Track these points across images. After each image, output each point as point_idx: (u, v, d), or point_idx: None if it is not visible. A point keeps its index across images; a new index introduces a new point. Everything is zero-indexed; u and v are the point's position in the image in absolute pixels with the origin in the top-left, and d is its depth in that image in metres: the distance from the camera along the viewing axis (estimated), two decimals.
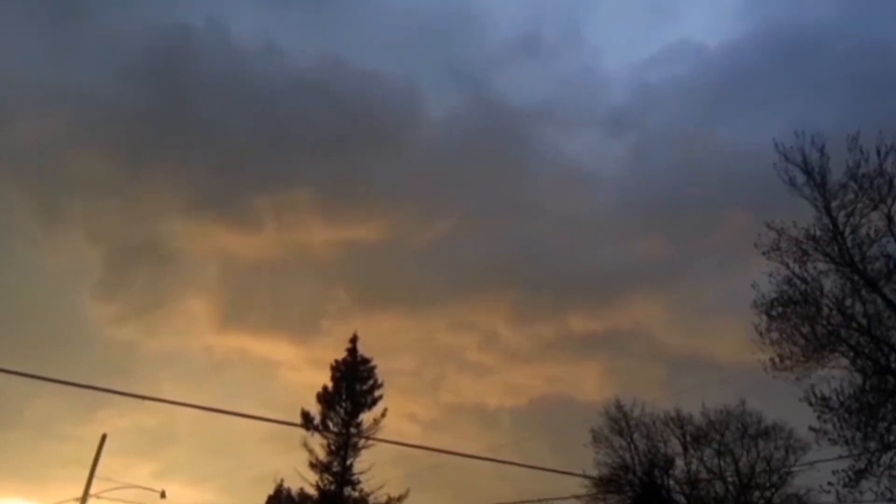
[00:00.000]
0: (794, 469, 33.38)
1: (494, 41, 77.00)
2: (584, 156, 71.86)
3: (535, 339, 61.76)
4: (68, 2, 64.11)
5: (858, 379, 20.76)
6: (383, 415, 34.50)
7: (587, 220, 67.11)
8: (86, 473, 28.06)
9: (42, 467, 44.19)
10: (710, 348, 51.27)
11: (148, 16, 69.18)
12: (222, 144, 64.29)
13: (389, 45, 73.08)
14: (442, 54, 76.62)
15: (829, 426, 20.60)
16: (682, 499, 36.36)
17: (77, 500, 27.58)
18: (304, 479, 33.43)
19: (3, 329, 49.23)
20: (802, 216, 21.39)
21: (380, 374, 35.94)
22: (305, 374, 53.32)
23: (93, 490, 28.01)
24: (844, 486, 20.37)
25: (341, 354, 36.09)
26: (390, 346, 59.62)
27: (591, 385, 58.47)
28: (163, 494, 30.22)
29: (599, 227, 66.24)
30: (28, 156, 57.14)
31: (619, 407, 37.51)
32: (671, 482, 36.46)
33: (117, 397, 13.43)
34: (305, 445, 33.73)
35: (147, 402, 15.37)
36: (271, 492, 35.31)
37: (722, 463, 35.80)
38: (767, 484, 34.90)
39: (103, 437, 28.89)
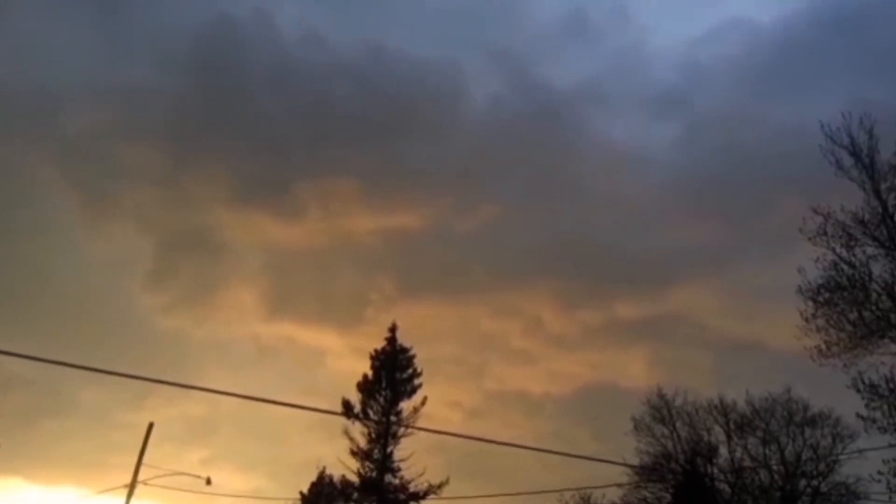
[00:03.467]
0: (841, 457, 32.72)
1: (538, 22, 76.09)
2: (632, 138, 70.70)
3: (580, 326, 61.38)
4: None
5: None
6: (423, 403, 34.57)
7: (634, 204, 66.14)
8: (136, 461, 28.65)
9: (96, 454, 45.45)
10: (760, 335, 50.26)
11: (194, 8, 70.05)
12: (267, 134, 65.17)
13: (431, 30, 72.98)
14: (484, 38, 75.93)
15: (878, 414, 20.21)
16: (725, 487, 35.95)
17: (126, 486, 28.18)
18: (345, 467, 33.75)
19: (58, 318, 50.57)
20: (853, 199, 20.87)
21: (419, 362, 35.97)
22: (349, 362, 53.73)
23: (141, 477, 28.61)
24: (895, 475, 19.94)
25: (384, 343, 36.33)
26: (434, 333, 59.83)
27: (636, 372, 57.92)
28: (208, 481, 30.68)
29: (647, 212, 65.26)
30: (79, 148, 58.64)
31: (661, 395, 37.23)
32: (714, 470, 36.05)
33: (166, 386, 13.64)
34: (346, 433, 33.99)
35: (195, 391, 15.63)
36: (314, 478, 35.81)
37: (767, 451, 35.28)
38: (814, 472, 34.28)
39: (150, 426, 29.40)
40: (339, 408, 33.47)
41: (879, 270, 20.71)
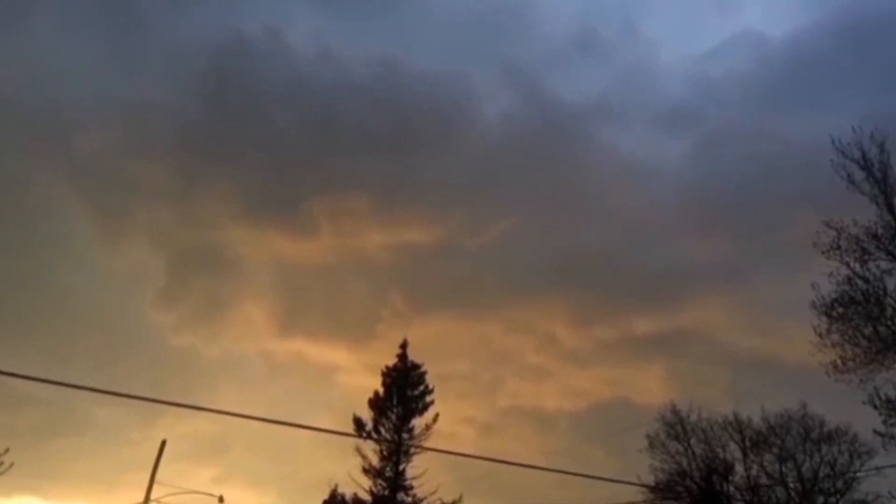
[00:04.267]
0: (859, 474, 32.31)
1: (548, 38, 76.39)
2: (644, 153, 70.53)
3: (595, 342, 60.96)
4: (127, 13, 66.12)
5: None
6: (435, 420, 34.55)
7: (647, 218, 65.88)
8: (148, 478, 28.73)
9: (109, 472, 45.42)
10: (776, 350, 49.73)
11: (207, 25, 70.78)
12: (279, 150, 65.56)
13: (442, 46, 73.32)
14: (495, 53, 76.29)
15: (895, 430, 19.94)
16: None
17: None
18: (357, 485, 33.69)
19: (70, 335, 50.84)
20: (867, 213, 20.75)
21: (431, 379, 36.03)
22: (362, 379, 53.55)
23: (153, 495, 28.67)
24: None
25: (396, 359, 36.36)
26: (446, 349, 59.64)
27: (652, 388, 57.35)
28: (221, 500, 30.74)
29: (660, 226, 64.93)
30: (91, 164, 59.04)
31: (676, 412, 36.91)
32: (730, 488, 35.63)
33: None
34: (358, 451, 33.99)
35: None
36: (326, 496, 35.72)
37: (783, 468, 34.87)
38: (832, 490, 33.83)
39: (163, 444, 29.51)
40: (350, 424, 33.62)
41: (894, 285, 20.56)
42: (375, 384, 35.64)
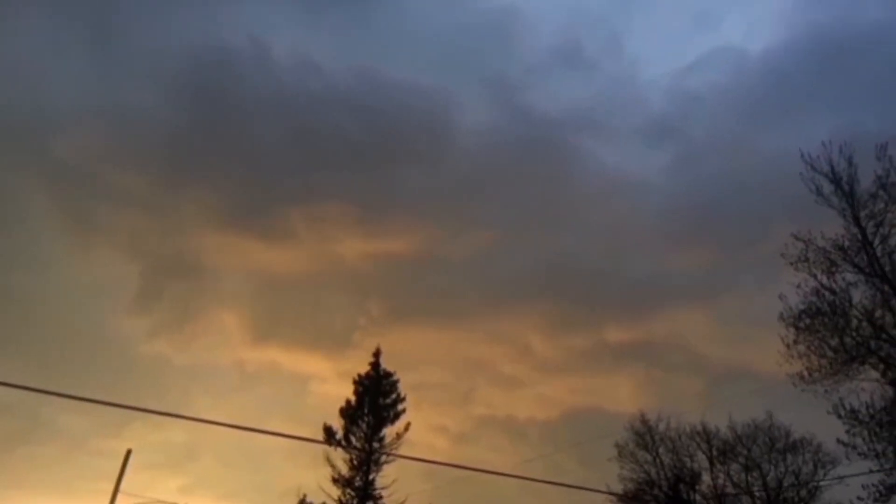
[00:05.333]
0: (823, 483, 32.82)
1: (532, 51, 77.27)
2: (625, 165, 71.51)
3: (570, 351, 61.45)
4: (108, 20, 65.34)
5: (889, 391, 20.49)
6: (406, 429, 34.37)
7: (627, 230, 66.70)
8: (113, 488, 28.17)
9: (74, 481, 44.45)
10: (749, 361, 50.51)
11: (188, 33, 70.23)
12: (258, 159, 65.20)
13: (425, 58, 73.51)
14: (478, 65, 77.11)
15: (858, 440, 20.36)
16: None
17: None
18: (326, 494, 33.35)
19: (40, 343, 49.82)
20: (835, 226, 21.18)
21: (405, 388, 35.86)
22: (337, 388, 53.28)
23: None
24: (875, 500, 20.06)
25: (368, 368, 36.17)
26: (423, 358, 59.53)
27: (625, 397, 57.95)
28: None
29: (639, 238, 65.79)
30: (66, 170, 58.16)
31: (645, 421, 37.24)
32: (697, 497, 35.98)
33: (146, 412, 13.50)
34: (328, 460, 33.65)
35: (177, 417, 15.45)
36: None
37: (749, 477, 35.29)
38: (796, 498, 34.31)
39: (128, 452, 28.95)
40: (322, 434, 33.20)
41: (859, 297, 21.01)
42: (351, 393, 35.43)
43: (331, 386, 53.60)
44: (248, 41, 68.16)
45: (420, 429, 34.97)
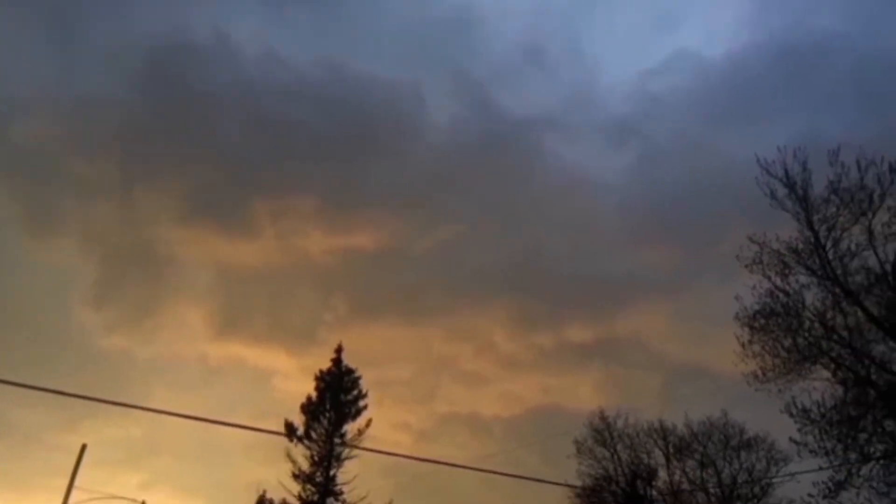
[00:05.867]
0: (775, 480, 33.53)
1: (498, 51, 77.85)
2: (588, 165, 72.38)
3: (533, 349, 61.92)
4: (69, 9, 64.02)
5: (839, 391, 21.01)
6: (367, 425, 34.38)
7: (589, 228, 67.42)
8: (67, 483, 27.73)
9: (27, 476, 43.72)
10: (709, 359, 51.47)
11: (150, 22, 69.13)
12: (222, 151, 64.42)
13: (393, 52, 73.66)
14: (446, 62, 77.40)
15: (809, 438, 20.82)
16: None
17: None
18: (286, 490, 33.21)
19: None
20: (787, 229, 21.63)
21: (369, 384, 35.86)
22: (300, 384, 52.96)
23: (73, 500, 27.71)
24: (825, 497, 20.55)
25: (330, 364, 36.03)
26: (387, 354, 59.67)
27: (586, 395, 58.61)
28: None
29: (601, 236, 66.53)
30: (24, 159, 57.01)
31: (603, 418, 37.69)
32: (654, 493, 36.54)
33: (105, 407, 13.32)
34: (289, 456, 33.54)
35: (135, 411, 15.27)
36: (254, 503, 35.05)
37: (704, 474, 35.94)
38: (750, 495, 35.01)
39: (83, 447, 28.57)
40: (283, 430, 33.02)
41: (812, 299, 21.48)
42: (313, 389, 35.27)
43: (294, 382, 53.42)
44: (212, 32, 67.73)
45: (383, 426, 35.11)
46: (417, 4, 77.08)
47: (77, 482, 27.68)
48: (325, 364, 36.04)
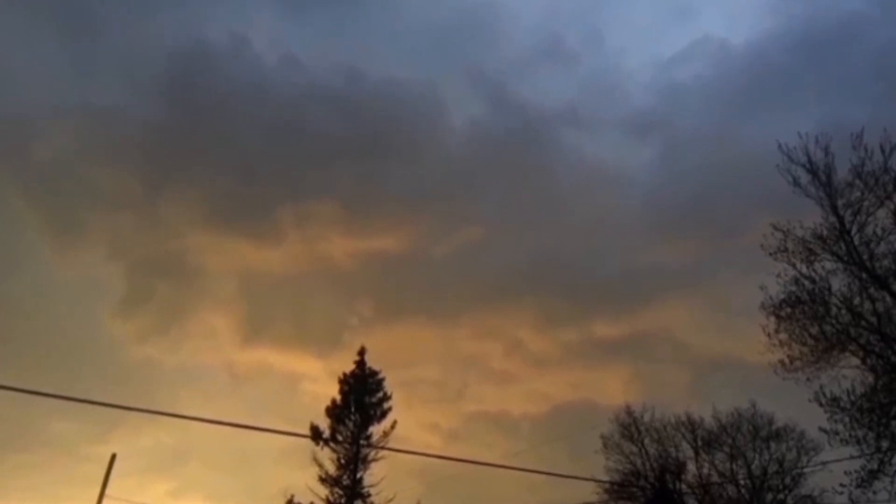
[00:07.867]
0: (806, 470, 33.18)
1: (515, 46, 77.17)
2: (610, 158, 71.36)
3: (560, 346, 61.41)
4: (86, 17, 64.54)
5: (869, 378, 20.71)
6: (393, 427, 34.41)
7: (613, 223, 66.70)
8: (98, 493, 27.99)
9: (61, 486, 44.05)
10: (735, 351, 50.82)
11: (168, 30, 69.52)
12: (243, 157, 64.59)
13: (409, 53, 73.38)
14: (462, 61, 76.59)
15: (840, 426, 20.52)
16: (694, 503, 36.17)
17: None
18: (314, 494, 33.32)
19: (25, 348, 49.22)
20: (811, 216, 21.36)
21: (395, 385, 35.92)
22: (329, 388, 52.97)
23: None
24: (857, 486, 20.27)
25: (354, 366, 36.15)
26: (414, 356, 59.36)
27: (615, 390, 58.19)
28: None
29: (626, 231, 65.76)
30: (49, 172, 57.39)
31: (630, 413, 37.47)
32: (683, 487, 36.28)
33: (135, 416, 13.42)
34: (315, 459, 33.65)
35: (165, 420, 15.39)
36: None
37: (734, 466, 35.63)
38: (780, 486, 34.69)
39: (113, 457, 28.78)
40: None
41: (838, 285, 21.18)
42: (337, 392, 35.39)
43: (322, 386, 53.32)
44: (228, 37, 67.74)
45: (412, 426, 35.10)
46: (432, 4, 77.04)
47: (108, 491, 27.92)
48: (352, 367, 36.14)
